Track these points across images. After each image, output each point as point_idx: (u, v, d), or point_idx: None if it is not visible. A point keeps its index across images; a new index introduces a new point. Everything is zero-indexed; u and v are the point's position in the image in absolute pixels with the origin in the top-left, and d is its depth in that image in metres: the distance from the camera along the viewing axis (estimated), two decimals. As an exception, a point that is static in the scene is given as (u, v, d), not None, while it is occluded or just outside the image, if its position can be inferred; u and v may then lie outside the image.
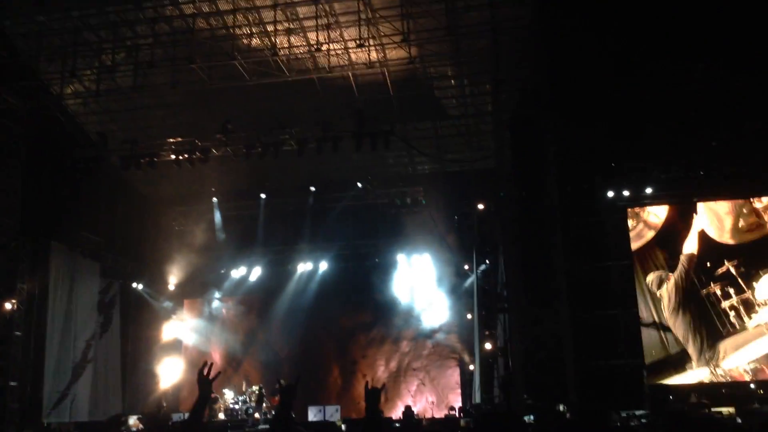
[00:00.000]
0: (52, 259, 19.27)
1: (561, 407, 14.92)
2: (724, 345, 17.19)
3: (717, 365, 17.11)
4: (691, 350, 17.34)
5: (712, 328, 17.36)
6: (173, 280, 23.75)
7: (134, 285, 22.88)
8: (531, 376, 16.42)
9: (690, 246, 17.93)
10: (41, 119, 17.98)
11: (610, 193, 17.90)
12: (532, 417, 13.46)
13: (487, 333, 19.36)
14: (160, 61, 17.03)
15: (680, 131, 16.55)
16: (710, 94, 15.52)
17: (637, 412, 14.74)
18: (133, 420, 16.93)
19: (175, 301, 24.05)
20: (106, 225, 21.52)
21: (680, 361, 17.32)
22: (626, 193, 17.91)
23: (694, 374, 17.20)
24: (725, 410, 14.78)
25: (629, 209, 18.16)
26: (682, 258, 17.85)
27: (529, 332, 16.69)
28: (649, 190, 17.91)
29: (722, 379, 16.94)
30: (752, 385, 16.48)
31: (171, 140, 18.26)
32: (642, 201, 18.12)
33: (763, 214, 17.93)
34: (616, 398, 15.99)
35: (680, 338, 17.46)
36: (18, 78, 17.31)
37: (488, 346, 19.18)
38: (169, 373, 23.14)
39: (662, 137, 16.74)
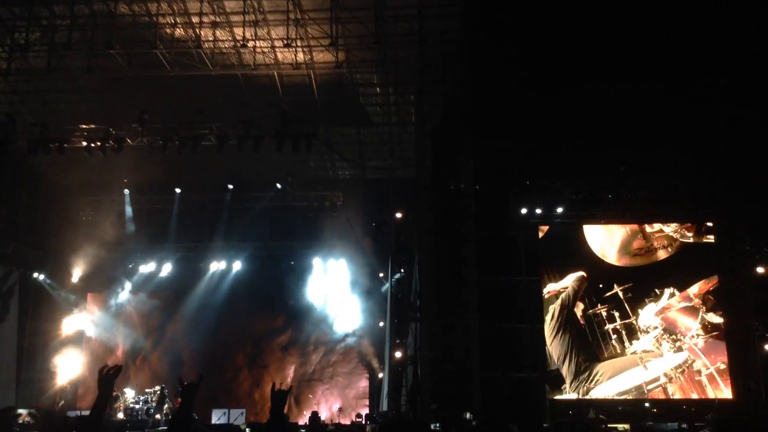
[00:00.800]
0: (-54, 243, 18.26)
1: (467, 416, 15.14)
2: (600, 368, 17.60)
3: (588, 391, 17.48)
4: (565, 371, 17.71)
5: (591, 349, 17.76)
6: (78, 272, 22.75)
7: (35, 275, 21.84)
8: (439, 385, 16.59)
9: (580, 266, 18.52)
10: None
11: (524, 210, 18.46)
12: (438, 425, 13.59)
13: (398, 341, 19.49)
14: (77, 44, 16.37)
15: (592, 154, 17.22)
16: (622, 119, 16.19)
17: (538, 425, 15.10)
18: (23, 413, 16.08)
19: (78, 294, 23.04)
20: (9, 211, 20.51)
21: (555, 380, 17.71)
22: (539, 210, 18.52)
23: (565, 398, 17.56)
24: (621, 426, 15.33)
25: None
26: (574, 278, 18.41)
27: (440, 342, 16.89)
28: (560, 210, 18.54)
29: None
30: (647, 404, 17.15)
31: (84, 126, 17.59)
32: (553, 219, 18.72)
33: (653, 239, 18.63)
34: (518, 410, 16.38)
35: (556, 358, 17.89)
36: None
37: (398, 354, 19.31)
38: (68, 368, 22.17)
39: (575, 159, 17.37)
